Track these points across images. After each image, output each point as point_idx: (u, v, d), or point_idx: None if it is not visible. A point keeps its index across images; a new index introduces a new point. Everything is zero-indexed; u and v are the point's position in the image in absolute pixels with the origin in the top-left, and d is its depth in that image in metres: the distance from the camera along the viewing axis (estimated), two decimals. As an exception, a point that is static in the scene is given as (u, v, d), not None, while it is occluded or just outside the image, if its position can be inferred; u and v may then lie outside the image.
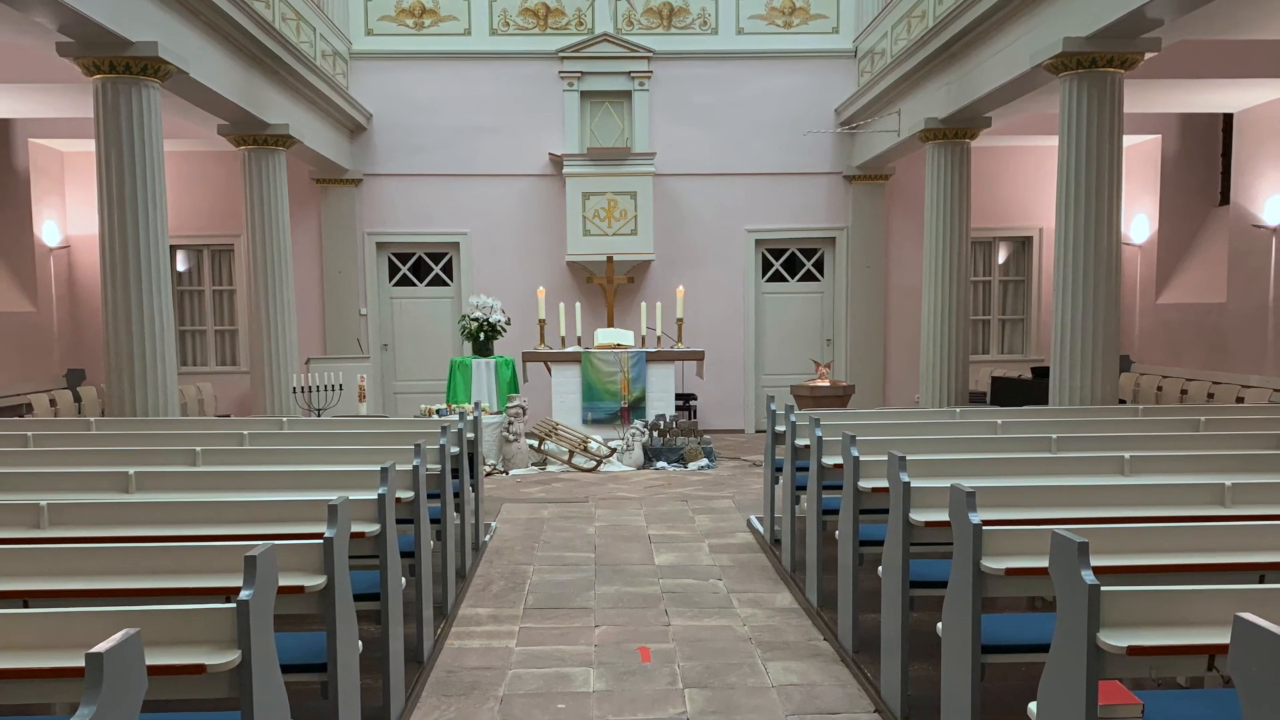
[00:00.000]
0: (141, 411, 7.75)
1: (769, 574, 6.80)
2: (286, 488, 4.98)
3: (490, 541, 7.81)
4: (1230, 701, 3.01)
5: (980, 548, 3.64)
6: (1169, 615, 2.97)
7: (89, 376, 13.39)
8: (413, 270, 14.44)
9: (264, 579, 3.00)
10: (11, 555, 3.57)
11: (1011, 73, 8.90)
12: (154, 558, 3.55)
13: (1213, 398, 11.09)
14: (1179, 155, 13.25)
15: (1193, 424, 6.70)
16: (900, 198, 14.30)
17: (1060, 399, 8.21)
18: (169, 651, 2.83)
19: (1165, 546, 3.71)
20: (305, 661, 3.65)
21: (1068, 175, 8.06)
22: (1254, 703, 2.25)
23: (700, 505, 9.09)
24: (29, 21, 6.96)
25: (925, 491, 4.41)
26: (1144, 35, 7.60)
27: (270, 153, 10.83)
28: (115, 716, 2.17)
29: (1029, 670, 4.14)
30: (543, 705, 4.58)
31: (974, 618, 3.65)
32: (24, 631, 2.84)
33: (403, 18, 13.89)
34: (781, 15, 14.08)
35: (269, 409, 10.91)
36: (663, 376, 11.78)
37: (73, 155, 13.68)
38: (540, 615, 5.93)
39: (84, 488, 4.99)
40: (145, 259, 7.72)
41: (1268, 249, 11.20)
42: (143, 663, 2.33)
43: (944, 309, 10.93)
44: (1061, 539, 3.04)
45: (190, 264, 14.39)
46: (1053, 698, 3.08)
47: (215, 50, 9.01)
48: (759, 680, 4.87)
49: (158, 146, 7.80)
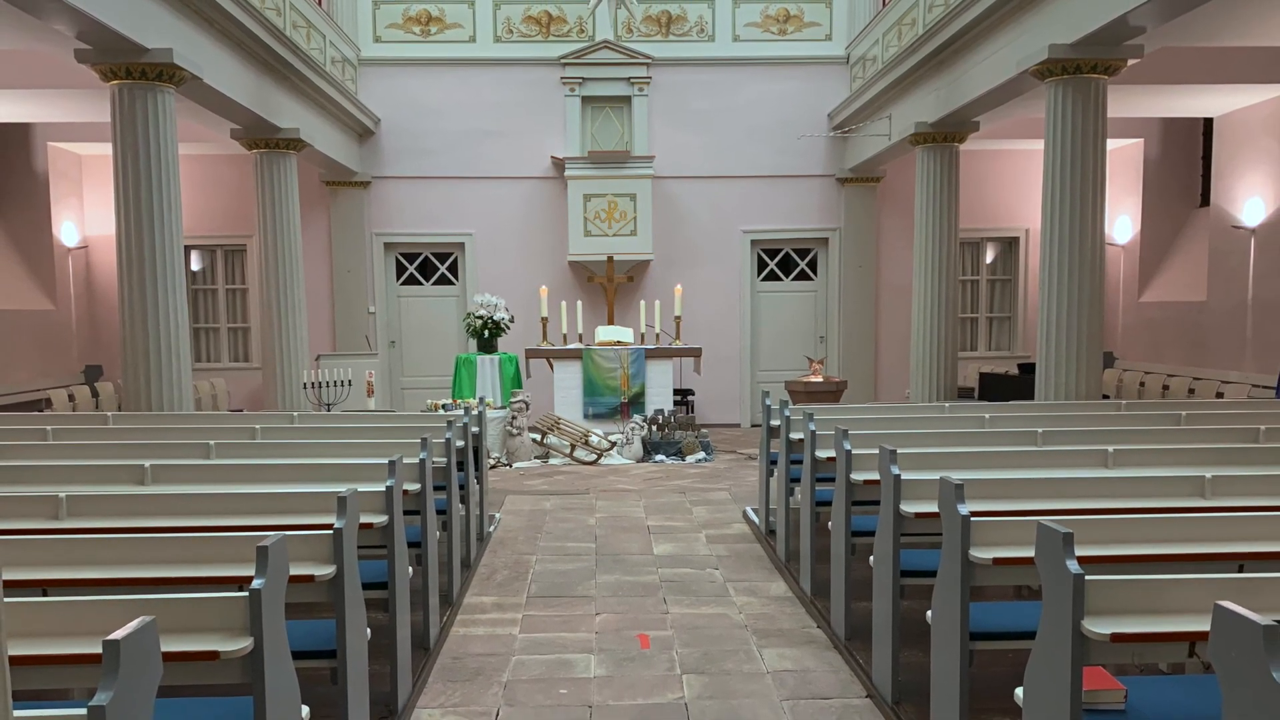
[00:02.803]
0: (157, 406, 7.74)
1: (764, 564, 6.80)
2: (297, 480, 4.98)
3: (494, 532, 7.80)
4: (1210, 687, 3.01)
5: (968, 538, 3.64)
6: (1151, 604, 2.97)
7: (106, 372, 13.39)
8: (419, 269, 14.42)
9: (275, 568, 2.99)
10: (31, 545, 3.57)
11: (999, 78, 8.89)
12: (169, 548, 3.55)
13: (1193, 393, 11.08)
14: (1161, 158, 13.24)
15: (1174, 419, 6.70)
16: (891, 199, 14.29)
17: (1046, 394, 8.21)
18: (183, 638, 2.83)
19: (1147, 537, 3.70)
20: (315, 648, 3.65)
21: (1053, 178, 8.05)
22: (1233, 688, 2.25)
23: (698, 497, 9.09)
24: (48, 29, 6.94)
25: (915, 484, 4.40)
26: (1127, 42, 7.59)
27: (281, 156, 10.81)
28: (131, 701, 2.17)
29: (1016, 657, 4.14)
30: (545, 690, 4.58)
31: (962, 606, 3.65)
32: (43, 619, 2.83)
33: (409, 25, 13.87)
34: (776, 23, 14.06)
35: (280, 404, 10.90)
36: (661, 372, 11.78)
37: (90, 158, 13.65)
38: (543, 603, 5.93)
39: (101, 480, 4.98)
40: (160, 259, 7.71)
41: (1246, 249, 11.19)
42: (158, 649, 2.32)
43: (933, 307, 10.92)
44: (1047, 530, 3.04)
45: (204, 263, 14.37)
46: (1039, 683, 3.08)
47: (228, 57, 8.99)
48: (754, 666, 4.87)
49: (173, 150, 7.78)
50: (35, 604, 2.90)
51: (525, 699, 4.49)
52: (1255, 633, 2.16)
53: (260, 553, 2.95)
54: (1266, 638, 2.14)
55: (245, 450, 5.86)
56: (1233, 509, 4.22)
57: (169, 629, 2.75)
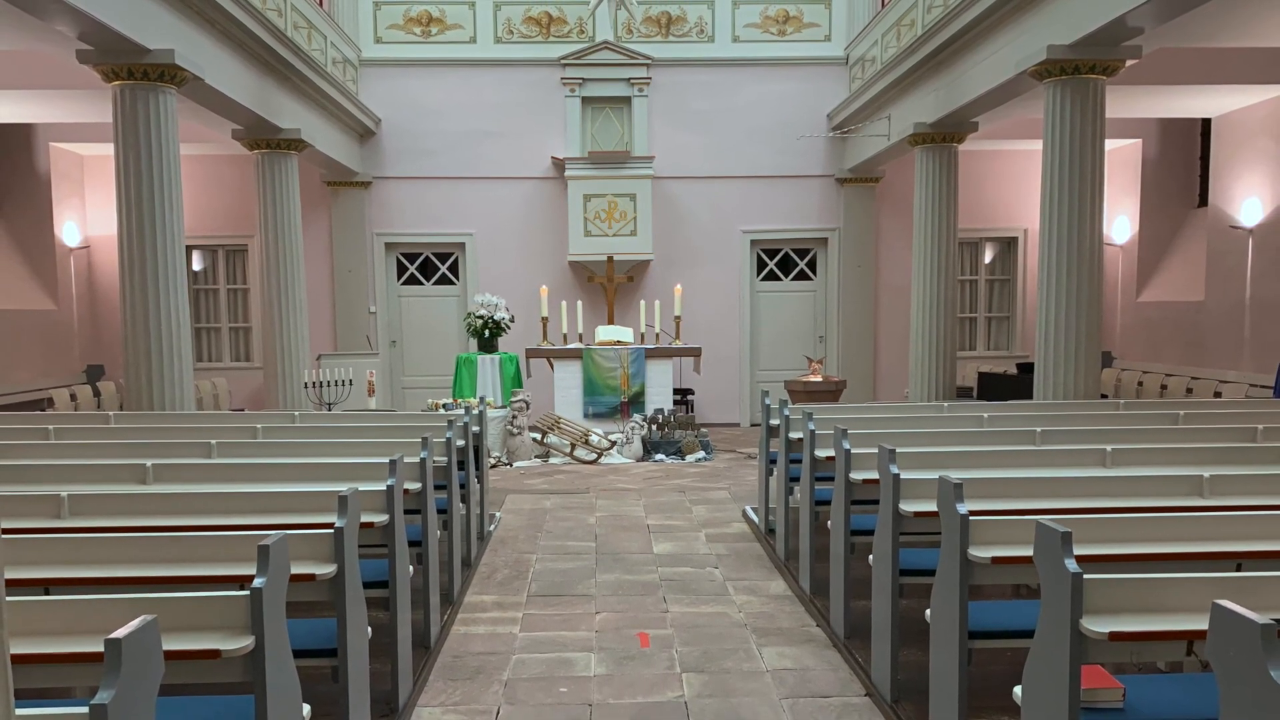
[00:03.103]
0: (159, 406, 7.73)
1: (764, 562, 6.80)
2: (298, 479, 4.97)
3: (495, 531, 7.80)
4: (1208, 685, 3.01)
5: (967, 537, 3.64)
6: (1149, 602, 2.97)
7: (108, 372, 13.38)
8: (420, 269, 14.42)
9: (277, 567, 2.99)
10: (33, 544, 3.56)
11: (997, 79, 8.89)
12: (170, 547, 3.55)
13: (1191, 393, 11.07)
14: (1159, 159, 13.23)
15: (1172, 418, 6.70)
16: (890, 199, 14.28)
17: (1044, 394, 8.20)
18: (185, 637, 2.82)
19: (1145, 536, 3.70)
20: (316, 646, 3.65)
21: (1052, 178, 8.05)
22: (1231, 686, 2.24)
23: (697, 496, 9.08)
24: (50, 30, 6.93)
25: (914, 483, 4.40)
26: (1125, 43, 7.59)
27: (283, 156, 10.81)
28: (133, 699, 2.17)
29: (1014, 655, 4.14)
30: (545, 688, 4.58)
31: (961, 604, 3.64)
32: (45, 618, 2.83)
33: (410, 26, 13.86)
34: (776, 24, 14.05)
35: (281, 403, 10.90)
36: (661, 372, 11.77)
37: (92, 159, 13.64)
38: (543, 602, 5.92)
39: (103, 479, 4.97)
40: (162, 259, 7.70)
41: (1244, 249, 11.19)
42: (160, 648, 2.32)
43: (932, 307, 10.91)
44: (1046, 529, 3.04)
45: (205, 263, 14.37)
46: (1037, 681, 3.08)
47: (230, 57, 8.98)
48: (754, 665, 4.87)
49: (174, 150, 7.77)
50: (37, 603, 2.90)
51: (526, 697, 4.48)
52: (1253, 631, 2.16)
53: (261, 552, 2.95)
54: (1264, 636, 2.14)
55: (246, 450, 5.85)
56: (1231, 508, 4.21)
57: (170, 628, 2.75)
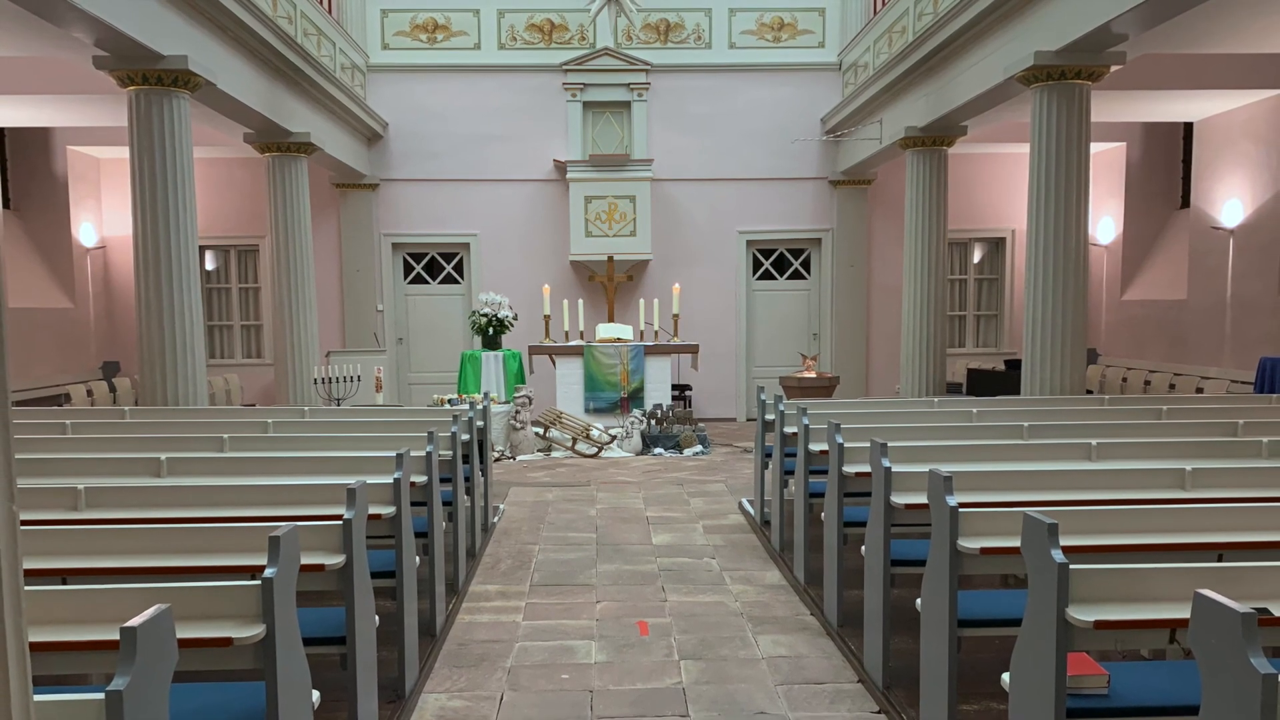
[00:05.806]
0: (172, 401, 7.73)
1: (759, 553, 6.80)
2: (308, 472, 4.97)
3: (498, 523, 7.80)
4: (1190, 673, 3.01)
5: (957, 528, 3.64)
6: (1133, 592, 2.97)
7: (123, 368, 13.38)
8: (426, 269, 14.41)
9: (287, 558, 2.99)
10: (51, 535, 3.56)
11: (986, 84, 8.88)
12: (184, 538, 3.54)
13: (1174, 388, 11.07)
14: (1142, 161, 13.23)
15: (1155, 413, 6.70)
16: (882, 201, 14.27)
17: (1031, 389, 8.20)
18: (198, 625, 2.82)
19: (1130, 527, 3.70)
20: (325, 635, 3.64)
21: (1038, 180, 8.04)
22: (1213, 673, 2.24)
23: (695, 489, 9.08)
24: (68, 37, 6.92)
25: (905, 476, 4.40)
26: (1110, 49, 7.58)
27: (293, 159, 10.80)
28: (147, 686, 2.16)
29: (1002, 643, 4.15)
30: (548, 675, 4.58)
31: (951, 594, 3.64)
32: (62, 607, 2.83)
33: (417, 33, 13.84)
34: (771, 31, 14.04)
35: (292, 399, 10.89)
36: (660, 368, 11.77)
37: (108, 161, 13.63)
38: (545, 592, 5.92)
39: (118, 472, 4.97)
40: (176, 258, 7.70)
41: (1225, 249, 11.18)
42: (173, 636, 2.32)
43: (923, 305, 10.91)
44: (1033, 520, 3.04)
45: (218, 263, 14.36)
46: (1024, 669, 3.08)
47: (242, 63, 8.97)
48: (750, 652, 4.87)
49: (188, 153, 7.76)
50: (55, 592, 2.89)
51: (528, 684, 4.48)
52: (1234, 620, 2.16)
53: (272, 543, 2.94)
54: (1244, 625, 2.14)
55: (258, 444, 5.85)
56: (1212, 500, 4.22)
57: (184, 616, 2.75)
